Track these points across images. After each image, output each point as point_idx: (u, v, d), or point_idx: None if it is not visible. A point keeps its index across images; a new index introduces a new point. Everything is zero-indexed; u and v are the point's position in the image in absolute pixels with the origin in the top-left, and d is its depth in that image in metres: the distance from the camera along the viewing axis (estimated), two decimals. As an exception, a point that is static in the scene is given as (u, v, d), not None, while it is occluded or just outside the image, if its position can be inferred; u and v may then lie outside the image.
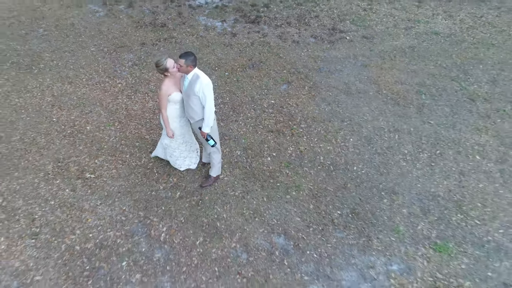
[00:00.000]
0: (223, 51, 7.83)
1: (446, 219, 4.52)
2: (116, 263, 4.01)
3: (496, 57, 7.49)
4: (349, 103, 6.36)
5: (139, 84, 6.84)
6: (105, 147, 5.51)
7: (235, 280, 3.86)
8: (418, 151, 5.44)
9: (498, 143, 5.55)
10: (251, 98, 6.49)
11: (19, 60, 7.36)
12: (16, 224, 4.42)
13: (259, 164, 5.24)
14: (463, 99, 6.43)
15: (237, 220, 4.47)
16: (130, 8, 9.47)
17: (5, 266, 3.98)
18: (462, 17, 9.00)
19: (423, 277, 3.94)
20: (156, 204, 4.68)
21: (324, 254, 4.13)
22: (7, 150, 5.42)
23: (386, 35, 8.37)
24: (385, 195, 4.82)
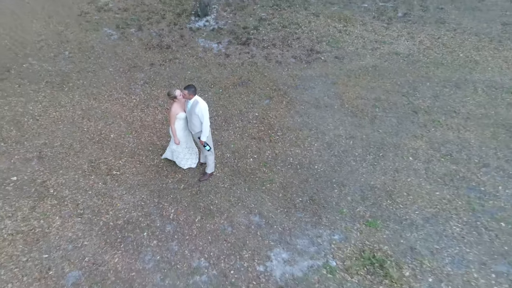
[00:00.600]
0: (218, 70, 9.56)
1: (378, 204, 6.23)
2: (139, 233, 5.74)
3: (443, 75, 9.18)
4: (317, 115, 8.07)
5: (150, 99, 8.57)
6: (126, 151, 7.24)
7: (222, 245, 5.58)
8: (366, 153, 7.15)
9: (428, 147, 7.25)
10: (239, 111, 8.20)
11: (52, 80, 9.10)
12: (65, 207, 6.16)
13: (243, 164, 6.95)
14: (408, 112, 8.13)
15: (225, 204, 6.19)
16: (140, 31, 11.20)
17: (62, 235, 5.71)
18: (421, 39, 10.69)
19: (355, 243, 5.65)
20: (166, 193, 6.40)
21: (286, 228, 5.85)
22: (51, 154, 7.15)
23: (355, 55, 10.07)
24: (336, 186, 6.53)
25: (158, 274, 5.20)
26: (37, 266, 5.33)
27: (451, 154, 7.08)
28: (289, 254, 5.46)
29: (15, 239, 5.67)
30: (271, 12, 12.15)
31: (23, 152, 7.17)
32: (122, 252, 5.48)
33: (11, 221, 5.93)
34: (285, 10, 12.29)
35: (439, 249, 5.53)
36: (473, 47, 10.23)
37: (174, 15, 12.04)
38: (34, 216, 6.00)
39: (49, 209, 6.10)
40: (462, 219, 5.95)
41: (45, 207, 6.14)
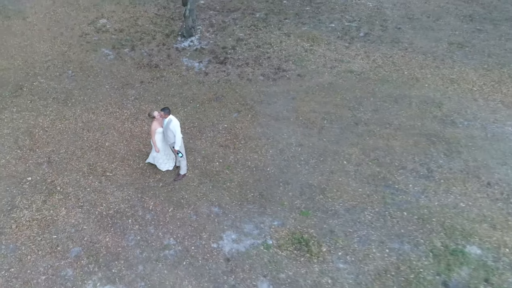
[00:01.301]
0: (197, 87, 11.43)
1: (312, 198, 8.06)
2: (125, 220, 7.62)
3: (386, 91, 10.99)
4: (275, 127, 9.91)
5: (139, 113, 10.45)
6: (118, 156, 9.12)
7: (187, 228, 7.45)
8: (310, 158, 8.98)
9: (361, 153, 9.07)
10: (211, 123, 10.07)
11: (58, 96, 11.01)
12: (69, 201, 8.05)
13: (211, 167, 8.81)
14: (351, 123, 9.95)
15: (193, 198, 8.06)
16: (133, 51, 13.09)
17: (67, 222, 7.60)
18: (375, 58, 12.50)
19: (289, 228, 7.49)
20: (147, 190, 8.27)
21: (238, 216, 7.70)
22: (58, 159, 9.05)
23: (315, 73, 11.91)
24: (281, 185, 8.37)
25: (138, 249, 7.08)
26: (48, 243, 7.22)
27: (377, 158, 8.90)
28: (237, 235, 7.32)
29: (31, 224, 7.57)
30: (248, 33, 14.00)
31: (35, 157, 9.08)
32: (112, 234, 7.36)
33: (28, 211, 7.83)
34: (261, 30, 14.13)
35: (351, 232, 7.36)
36: (418, 65, 12.04)
37: (163, 35, 13.93)
38: (46, 208, 7.90)
39: (56, 202, 8.00)
40: (375, 209, 7.78)
41: (54, 200, 8.04)
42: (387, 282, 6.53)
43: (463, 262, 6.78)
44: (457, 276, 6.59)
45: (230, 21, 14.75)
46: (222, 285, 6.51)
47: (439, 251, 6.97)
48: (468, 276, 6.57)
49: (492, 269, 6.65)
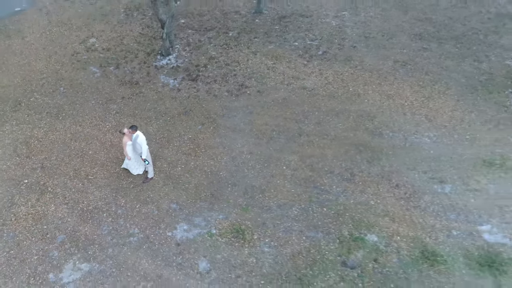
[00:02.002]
0: (170, 102, 13.52)
1: (253, 197, 10.12)
2: (101, 214, 9.72)
3: (330, 106, 13.03)
4: (232, 137, 11.98)
5: (119, 126, 12.55)
6: (99, 163, 11.23)
7: (150, 220, 9.54)
8: (256, 164, 11.04)
9: (299, 159, 11.12)
10: (179, 134, 12.16)
11: (51, 111, 13.14)
12: (57, 199, 10.16)
13: (174, 171, 10.90)
14: (295, 134, 12.00)
15: (157, 197, 10.15)
16: (117, 69, 15.21)
17: (55, 216, 9.71)
18: (327, 75, 14.54)
19: (231, 220, 9.55)
20: (121, 190, 10.37)
21: (191, 211, 9.78)
22: (50, 165, 11.17)
23: (273, 89, 13.96)
24: (230, 186, 10.44)
25: (109, 237, 9.18)
26: (40, 232, 9.34)
27: (312, 164, 10.95)
28: (188, 226, 9.40)
29: (27, 217, 9.69)
30: (220, 51, 16.08)
31: (31, 163, 11.21)
32: (90, 225, 9.47)
33: (24, 207, 9.95)
34: (232, 49, 16.21)
35: (279, 223, 9.42)
36: (362, 82, 14.06)
37: (145, 54, 16.04)
38: (38, 204, 10.02)
39: (47, 200, 10.12)
40: (301, 206, 9.84)
41: (45, 199, 10.16)
42: (298, 261, 8.59)
43: (361, 247, 8.83)
44: (354, 257, 8.64)
45: (206, 40, 16.84)
46: (171, 263, 8.60)
47: (345, 239, 9.02)
48: (362, 257, 8.62)
49: (382, 252, 8.70)
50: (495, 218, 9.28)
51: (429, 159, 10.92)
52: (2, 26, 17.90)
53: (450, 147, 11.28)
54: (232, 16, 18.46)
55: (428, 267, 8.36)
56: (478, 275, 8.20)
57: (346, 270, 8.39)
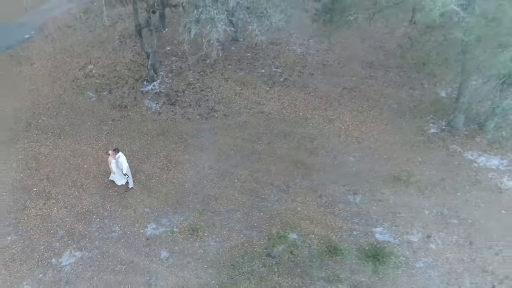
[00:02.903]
0: (151, 124, 16.86)
1: (209, 203, 13.40)
2: (91, 215, 13.10)
3: (281, 129, 16.23)
4: (198, 155, 15.27)
5: (109, 144, 15.91)
6: (91, 175, 14.61)
7: (128, 221, 12.88)
8: (214, 177, 14.31)
9: (248, 174, 14.36)
10: (156, 152, 15.49)
11: (54, 131, 16.57)
12: (59, 204, 13.55)
13: (150, 183, 14.23)
14: (249, 153, 15.24)
15: (134, 203, 13.49)
16: (110, 94, 18.58)
17: (57, 217, 13.11)
18: (284, 101, 17.74)
19: (189, 222, 12.84)
20: (108, 197, 13.73)
21: (160, 214, 13.10)
22: (53, 176, 14.58)
23: (237, 113, 17.21)
24: (192, 195, 13.73)
25: (97, 232, 12.55)
26: (46, 229, 12.73)
27: (258, 178, 14.20)
28: (156, 225, 12.73)
29: (36, 217, 13.10)
30: (197, 78, 19.38)
31: (39, 175, 14.63)
32: (82, 224, 12.85)
33: (34, 210, 13.36)
34: (208, 75, 19.50)
35: (225, 224, 12.69)
36: (312, 107, 17.25)
37: (134, 80, 19.41)
38: (45, 208, 13.42)
39: (51, 204, 13.52)
40: (244, 211, 13.10)
41: (50, 203, 13.56)
42: (234, 252, 11.86)
43: (283, 243, 12.06)
44: (276, 250, 11.88)
45: (186, 67, 20.15)
46: (141, 252, 11.93)
47: (272, 236, 12.27)
48: (282, 250, 11.86)
49: (298, 246, 11.92)
50: (387, 222, 12.45)
51: (350, 175, 14.10)
52: (14, 53, 21.41)
53: (369, 165, 14.44)
54: (211, 43, 21.72)
55: (329, 258, 11.58)
56: (363, 263, 11.39)
57: (268, 259, 11.65)
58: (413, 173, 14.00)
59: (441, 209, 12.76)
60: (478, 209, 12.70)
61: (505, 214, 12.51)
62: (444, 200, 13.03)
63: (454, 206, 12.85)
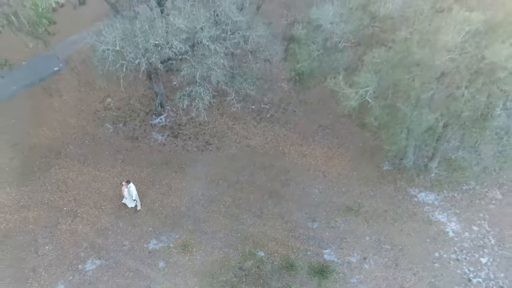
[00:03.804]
0: (157, 154, 20.91)
1: (198, 224, 17.35)
2: (107, 231, 17.23)
3: (262, 162, 20.01)
4: (193, 183, 19.22)
5: (123, 171, 20.04)
6: (108, 198, 18.76)
7: (135, 237, 16.96)
8: (204, 203, 18.25)
9: (231, 201, 18.24)
10: (159, 179, 19.52)
11: (79, 158, 20.80)
12: (84, 221, 17.73)
13: (153, 206, 18.29)
14: (234, 182, 19.09)
15: (141, 223, 17.56)
16: (124, 126, 22.72)
17: (82, 232, 17.30)
18: (267, 135, 21.52)
19: (182, 239, 16.84)
20: (121, 217, 17.86)
21: (160, 232, 17.14)
22: (79, 198, 18.79)
23: (227, 146, 21.10)
24: (186, 217, 17.71)
25: (112, 245, 16.66)
26: (73, 241, 16.92)
27: (239, 205, 18.03)
28: (156, 241, 16.77)
29: (66, 232, 17.31)
30: (197, 113, 23.28)
31: (67, 197, 18.86)
32: (101, 238, 16.99)
33: (64, 226, 17.59)
34: (206, 110, 23.41)
35: (209, 242, 16.61)
36: (290, 143, 20.99)
37: (144, 113, 23.52)
38: (72, 224, 17.64)
39: (78, 222, 17.73)
40: (225, 232, 16.97)
41: (76, 221, 17.77)
42: (214, 265, 15.78)
43: (253, 259, 15.91)
44: (247, 264, 15.74)
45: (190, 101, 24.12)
46: (144, 262, 15.98)
47: (244, 253, 16.13)
48: (251, 265, 15.71)
49: (264, 262, 15.74)
50: (335, 245, 16.16)
51: (312, 205, 17.84)
52: (46, 85, 25.82)
53: (329, 197, 18.14)
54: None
55: (285, 272, 15.39)
56: (311, 278, 15.16)
57: (240, 272, 15.52)
58: (363, 204, 17.64)
59: (379, 236, 16.39)
60: (409, 237, 16.27)
61: (429, 242, 16.05)
62: (383, 229, 16.65)
63: (390, 234, 16.45)
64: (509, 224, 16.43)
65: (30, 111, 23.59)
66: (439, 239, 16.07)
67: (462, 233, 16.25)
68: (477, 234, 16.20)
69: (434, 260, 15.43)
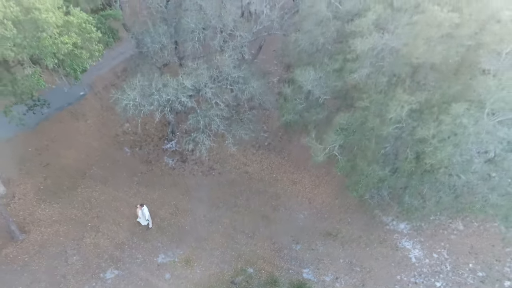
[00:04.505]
0: (167, 178, 24.41)
1: (200, 243, 20.77)
2: (124, 246, 20.83)
3: (257, 187, 23.26)
4: (197, 205, 22.64)
5: (138, 193, 23.61)
6: (125, 216, 22.37)
7: (147, 251, 20.50)
8: (205, 223, 21.65)
9: (228, 222, 21.56)
10: (168, 200, 23.02)
11: (102, 180, 24.47)
12: (104, 236, 21.38)
13: (163, 224, 21.81)
14: (231, 205, 22.41)
15: (151, 239, 21.13)
16: (140, 150, 26.29)
17: (103, 245, 20.96)
18: (263, 163, 24.72)
19: (185, 254, 20.28)
20: (135, 233, 21.44)
21: (167, 248, 20.62)
22: (101, 215, 22.47)
23: (228, 172, 24.38)
24: (189, 235, 21.14)
25: (128, 258, 20.25)
26: (96, 253, 20.57)
27: (235, 226, 21.34)
28: (164, 256, 20.27)
29: (90, 245, 20.98)
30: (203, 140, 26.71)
31: (92, 214, 22.53)
32: (119, 251, 20.59)
33: (89, 239, 21.27)
34: (210, 137, 26.79)
35: (208, 258, 19.98)
36: (283, 170, 24.15)
37: (158, 138, 27.06)
38: (96, 238, 21.29)
39: (100, 236, 21.38)
40: (222, 250, 20.32)
41: (99, 235, 21.42)
42: (211, 278, 19.15)
43: (243, 274, 19.21)
44: (238, 279, 19.05)
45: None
46: (153, 273, 19.48)
47: (237, 269, 19.44)
48: (241, 279, 19.00)
49: (252, 277, 19.00)
50: (313, 266, 19.31)
51: (297, 228, 21.00)
52: (73, 109, 29.66)
53: (312, 222, 21.26)
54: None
55: (270, 287, 18.62)
56: (290, 292, 18.39)
57: (231, 285, 18.85)
58: (341, 230, 20.70)
59: (352, 259, 19.45)
60: (377, 261, 19.28)
61: (393, 266, 19.02)
62: (355, 253, 19.69)
63: (361, 257, 19.49)
64: (466, 253, 19.23)
65: (61, 134, 27.42)
66: (403, 263, 19.02)
67: (423, 259, 19.15)
68: (436, 260, 19.07)
69: (396, 283, 18.40)
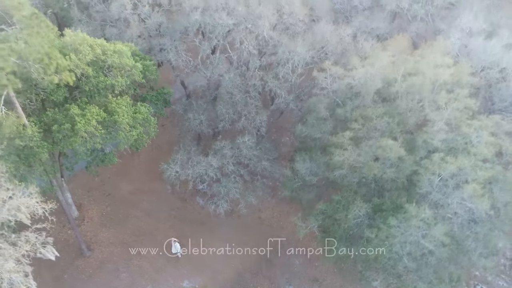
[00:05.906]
0: (197, 215, 31.46)
1: (215, 274, 27.57)
2: (162, 272, 28.21)
3: (265, 232, 29.57)
4: (217, 242, 29.42)
5: (173, 225, 30.85)
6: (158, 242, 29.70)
7: (177, 274, 27.69)
8: (221, 259, 28.39)
9: (240, 262, 28.13)
10: (196, 236, 30.03)
11: (147, 212, 32.03)
12: (146, 260, 28.88)
13: (188, 255, 28.87)
14: (243, 245, 28.95)
15: (180, 266, 28.30)
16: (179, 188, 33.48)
17: (143, 265, 28.47)
18: (275, 211, 30.93)
19: (198, 284, 27.19)
20: (169, 260, 28.69)
21: (190, 275, 27.65)
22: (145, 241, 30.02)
23: (245, 216, 30.90)
24: (207, 267, 28.00)
25: (162, 280, 27.56)
26: (141, 272, 28.09)
27: (243, 263, 27.87)
28: (188, 282, 27.31)
29: (136, 266, 28.56)
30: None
31: (138, 240, 30.11)
32: (156, 274, 27.94)
33: (135, 261, 28.88)
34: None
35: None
36: (290, 220, 30.16)
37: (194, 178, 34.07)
38: (141, 260, 28.86)
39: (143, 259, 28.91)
40: (231, 285, 26.98)
41: (143, 258, 28.96)
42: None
43: (244, 305, 25.76)
44: None
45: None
46: None
47: None
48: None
49: None
50: None
51: (292, 272, 27.10)
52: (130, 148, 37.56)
53: (304, 268, 27.18)
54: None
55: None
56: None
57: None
58: (326, 278, 26.49)
59: (329, 304, 25.25)
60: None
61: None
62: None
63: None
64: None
65: (119, 168, 35.47)
66: (370, 313, 24.54)
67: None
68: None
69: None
